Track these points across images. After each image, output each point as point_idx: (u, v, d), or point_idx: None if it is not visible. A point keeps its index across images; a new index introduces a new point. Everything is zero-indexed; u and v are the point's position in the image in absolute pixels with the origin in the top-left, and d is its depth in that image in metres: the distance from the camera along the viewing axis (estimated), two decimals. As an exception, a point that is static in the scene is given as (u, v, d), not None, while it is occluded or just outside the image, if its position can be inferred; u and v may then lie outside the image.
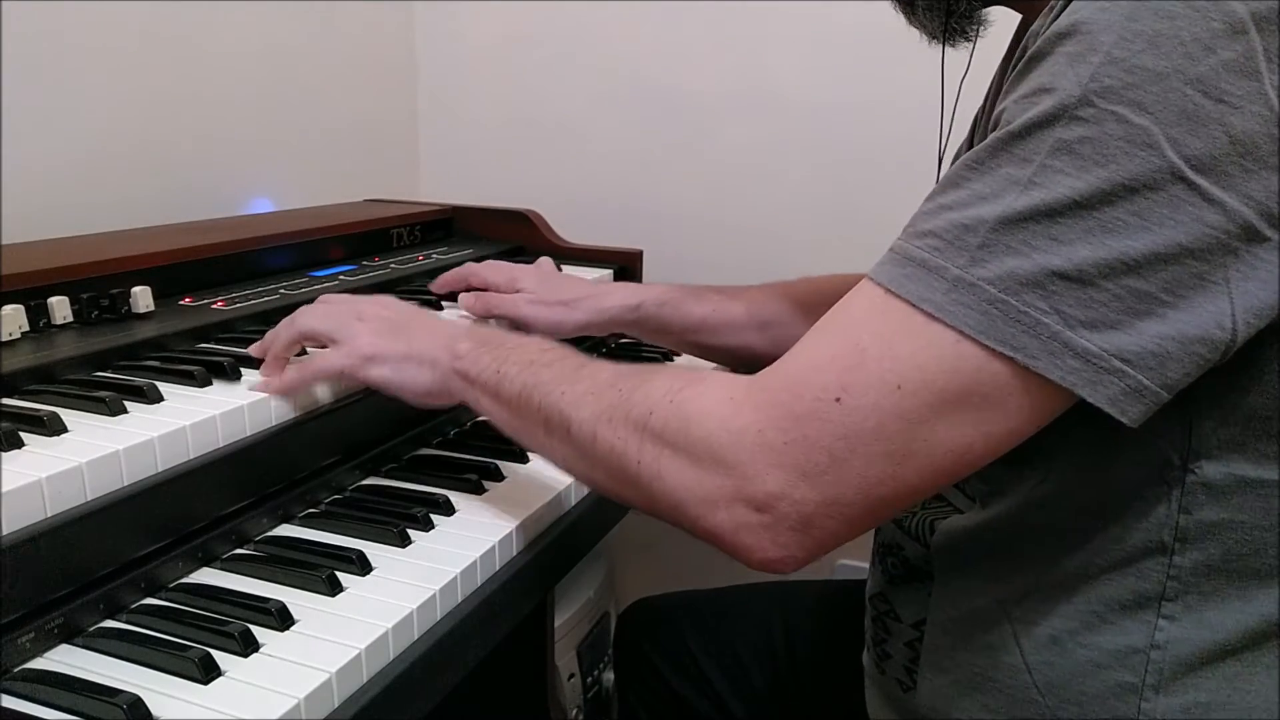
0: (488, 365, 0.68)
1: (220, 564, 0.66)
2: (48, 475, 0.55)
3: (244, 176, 1.34)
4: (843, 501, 0.50)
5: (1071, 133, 0.45)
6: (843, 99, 1.43)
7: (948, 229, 0.48)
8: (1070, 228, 0.45)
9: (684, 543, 0.58)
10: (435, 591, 0.62)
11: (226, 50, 1.29)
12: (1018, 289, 0.46)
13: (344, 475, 0.78)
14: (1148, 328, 0.45)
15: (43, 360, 0.71)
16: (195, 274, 0.94)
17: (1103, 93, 0.45)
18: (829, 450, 0.49)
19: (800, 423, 0.49)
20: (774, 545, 0.51)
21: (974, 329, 0.46)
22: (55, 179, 1.08)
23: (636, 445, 0.56)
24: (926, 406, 0.48)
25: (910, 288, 0.48)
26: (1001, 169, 0.47)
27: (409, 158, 1.70)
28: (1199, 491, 0.52)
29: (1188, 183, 0.44)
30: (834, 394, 0.49)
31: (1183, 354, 0.46)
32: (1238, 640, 0.53)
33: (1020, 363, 0.46)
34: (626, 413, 0.57)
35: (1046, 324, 0.46)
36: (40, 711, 0.50)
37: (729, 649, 0.95)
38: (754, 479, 0.50)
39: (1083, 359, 0.46)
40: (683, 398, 0.54)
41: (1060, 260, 0.45)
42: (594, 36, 1.56)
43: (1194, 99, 0.44)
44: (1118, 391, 0.46)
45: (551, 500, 0.77)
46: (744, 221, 1.52)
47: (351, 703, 0.54)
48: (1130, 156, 0.44)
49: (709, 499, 0.52)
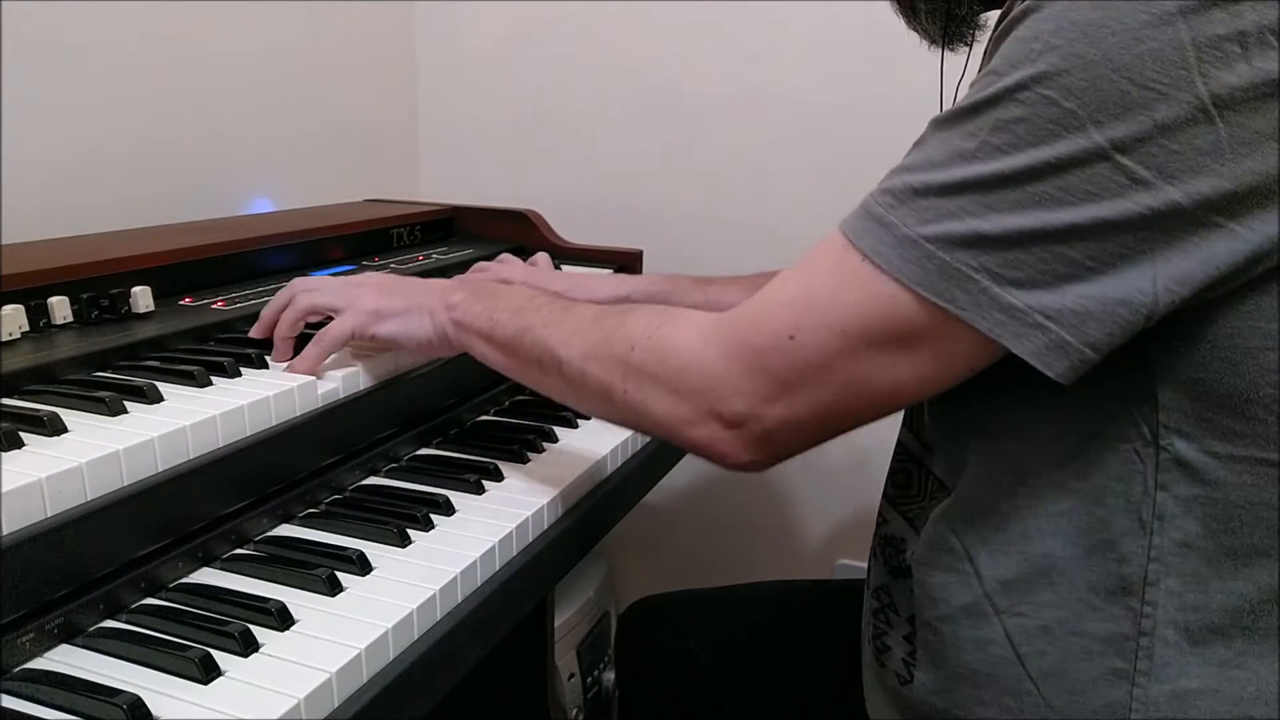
0: (480, 313, 0.73)
1: (220, 564, 0.66)
2: (48, 475, 0.55)
3: (244, 176, 1.34)
4: (799, 420, 0.57)
5: (1009, 113, 0.49)
6: (843, 99, 1.43)
7: (902, 190, 0.53)
8: (1002, 199, 0.50)
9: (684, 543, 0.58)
10: (435, 591, 0.62)
11: (226, 50, 1.29)
12: (952, 248, 0.51)
13: (344, 475, 0.78)
14: (1071, 288, 0.49)
15: (43, 360, 0.71)
16: (195, 274, 0.94)
17: (1039, 78, 0.48)
18: (784, 379, 0.56)
19: (760, 355, 0.56)
20: (745, 453, 0.59)
21: (912, 280, 0.52)
22: (55, 179, 1.08)
23: (620, 378, 0.63)
24: (866, 347, 0.54)
25: (867, 241, 0.54)
26: (953, 141, 0.52)
27: (409, 158, 1.70)
28: (1173, 468, 0.53)
29: (1113, 163, 0.47)
30: (788, 332, 0.55)
31: (1103, 313, 0.49)
32: (1225, 624, 0.54)
33: (951, 313, 0.51)
34: (610, 350, 0.64)
35: (976, 280, 0.50)
36: (40, 711, 0.50)
37: (729, 648, 0.95)
38: (725, 400, 0.58)
39: (1007, 313, 0.50)
40: (660, 335, 0.61)
41: (989, 226, 0.50)
42: (594, 36, 1.56)
43: (1121, 86, 0.47)
44: (1041, 345, 0.50)
45: (552, 500, 0.77)
46: (744, 221, 1.52)
47: (351, 703, 0.54)
48: (1059, 138, 0.48)
49: (688, 419, 0.60)
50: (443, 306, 0.75)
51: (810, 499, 1.57)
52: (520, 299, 0.73)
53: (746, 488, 1.60)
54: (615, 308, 0.68)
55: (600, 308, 0.68)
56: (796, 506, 1.58)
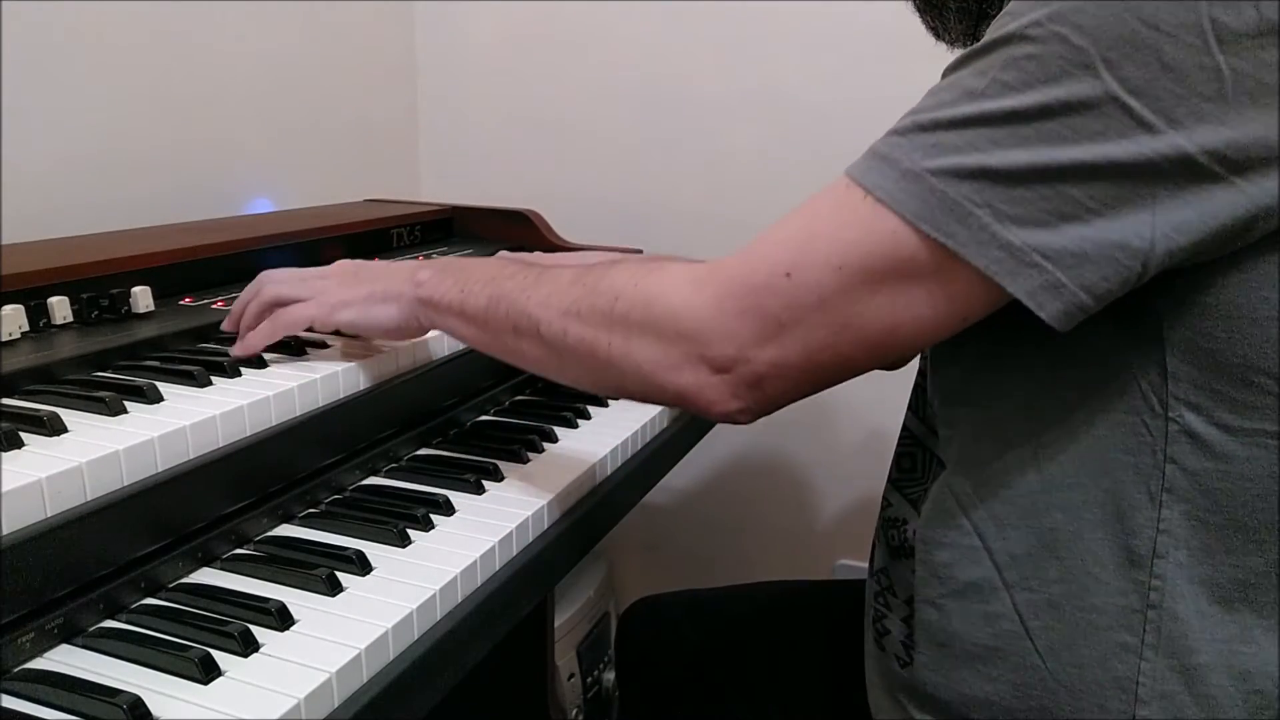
0: (450, 288, 0.71)
1: (220, 564, 0.66)
2: (48, 475, 0.55)
3: (244, 176, 1.34)
4: (789, 364, 0.56)
5: (1020, 50, 0.50)
6: (844, 99, 1.43)
7: (909, 127, 0.53)
8: (1010, 134, 0.50)
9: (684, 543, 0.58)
10: (435, 591, 0.62)
11: (227, 50, 1.29)
12: (955, 182, 0.50)
13: (344, 475, 0.78)
14: (1070, 229, 0.49)
15: (43, 360, 0.71)
16: (195, 274, 0.94)
17: (1052, 16, 0.49)
18: (778, 318, 0.55)
19: (754, 293, 0.55)
20: (733, 399, 0.58)
21: (913, 214, 0.51)
22: (55, 179, 1.08)
23: (606, 331, 0.61)
24: (862, 285, 0.53)
25: (870, 177, 0.53)
26: (962, 81, 0.52)
27: (409, 158, 1.70)
28: (1182, 440, 0.53)
29: (1120, 104, 0.48)
30: (784, 270, 0.55)
31: (1100, 256, 0.49)
32: (1232, 598, 0.54)
33: (950, 249, 0.51)
34: (593, 304, 0.62)
35: (977, 215, 0.50)
36: (40, 711, 0.50)
37: (730, 647, 0.95)
38: (713, 344, 0.57)
39: (1006, 250, 0.50)
40: (647, 282, 0.60)
41: (995, 161, 0.50)
42: (594, 36, 1.56)
43: (1131, 25, 0.47)
44: (1036, 285, 0.50)
45: (552, 500, 0.77)
46: (744, 221, 1.50)
47: (351, 703, 0.54)
48: (1069, 75, 0.48)
49: (674, 365, 0.58)
50: (410, 286, 0.74)
51: (810, 499, 1.57)
52: (492, 268, 0.71)
53: (747, 488, 1.60)
54: (596, 264, 0.66)
55: (579, 267, 0.66)
56: (796, 507, 1.58)
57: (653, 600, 1.05)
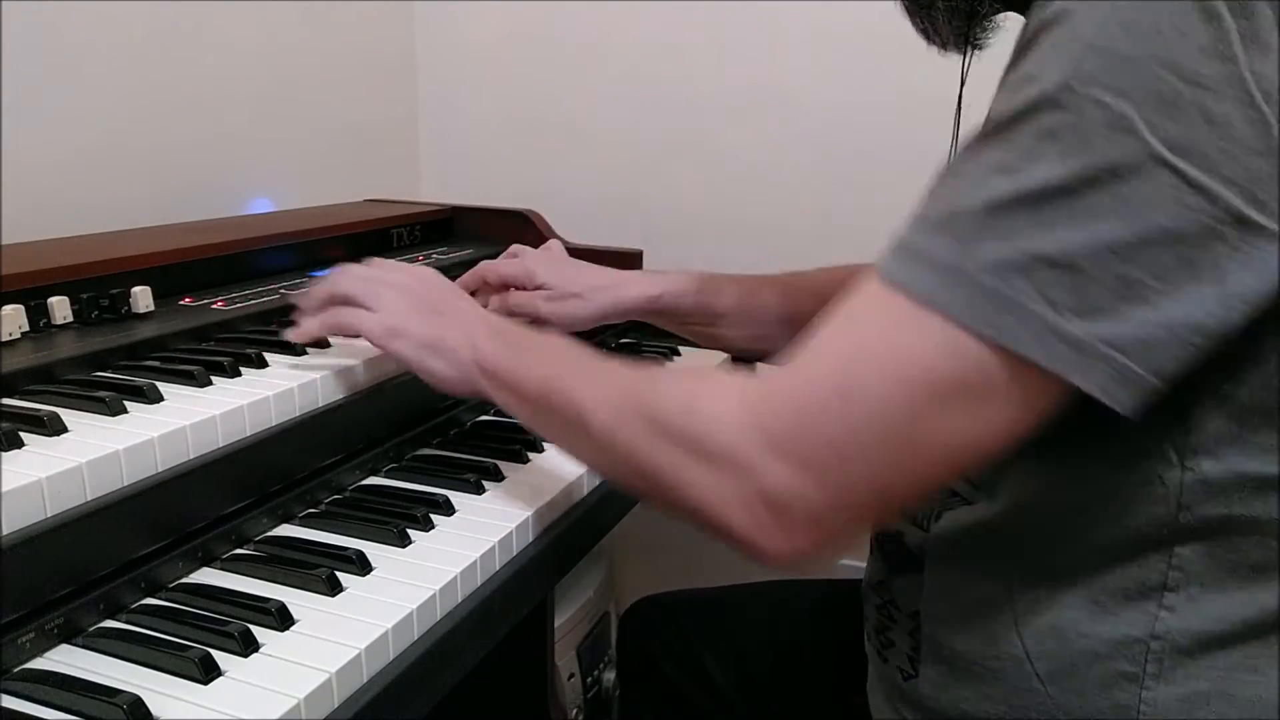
0: (510, 365, 0.69)
1: (220, 564, 0.66)
2: (48, 475, 0.55)
3: (244, 176, 1.34)
4: (852, 497, 0.51)
5: (1054, 119, 0.46)
6: (844, 99, 1.43)
7: (940, 216, 0.49)
8: (1055, 213, 0.46)
9: (684, 543, 0.58)
10: (435, 591, 0.62)
11: (227, 50, 1.29)
12: (1007, 275, 0.46)
13: (344, 475, 0.78)
14: (1136, 314, 0.45)
15: (43, 360, 0.71)
16: (195, 274, 0.94)
17: (1083, 79, 0.45)
18: (835, 446, 0.49)
19: (805, 418, 0.50)
20: (788, 543, 0.52)
21: (966, 316, 0.47)
22: (55, 179, 1.07)
23: (653, 448, 0.56)
24: (927, 398, 0.48)
25: (905, 275, 0.49)
26: (990, 156, 0.48)
27: (409, 158, 1.70)
28: (1198, 488, 0.52)
29: (1169, 166, 0.44)
30: (837, 390, 0.49)
31: (1172, 340, 0.46)
32: (1238, 631, 0.53)
33: (1012, 350, 0.46)
34: (642, 415, 0.58)
35: (1035, 311, 0.46)
36: (40, 711, 0.50)
37: (732, 647, 0.95)
38: (764, 477, 0.51)
39: (1072, 345, 0.46)
40: (695, 401, 0.55)
41: (1046, 245, 0.46)
42: (594, 36, 1.56)
43: (1170, 83, 0.44)
44: (1107, 378, 0.46)
45: (552, 500, 0.77)
46: (745, 221, 1.52)
47: (351, 703, 0.54)
48: (1110, 141, 0.45)
49: (723, 498, 0.53)
50: (470, 351, 0.71)
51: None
52: (551, 351, 0.69)
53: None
54: (649, 367, 0.64)
55: (634, 367, 0.63)
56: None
57: (653, 600, 1.05)
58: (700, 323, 0.99)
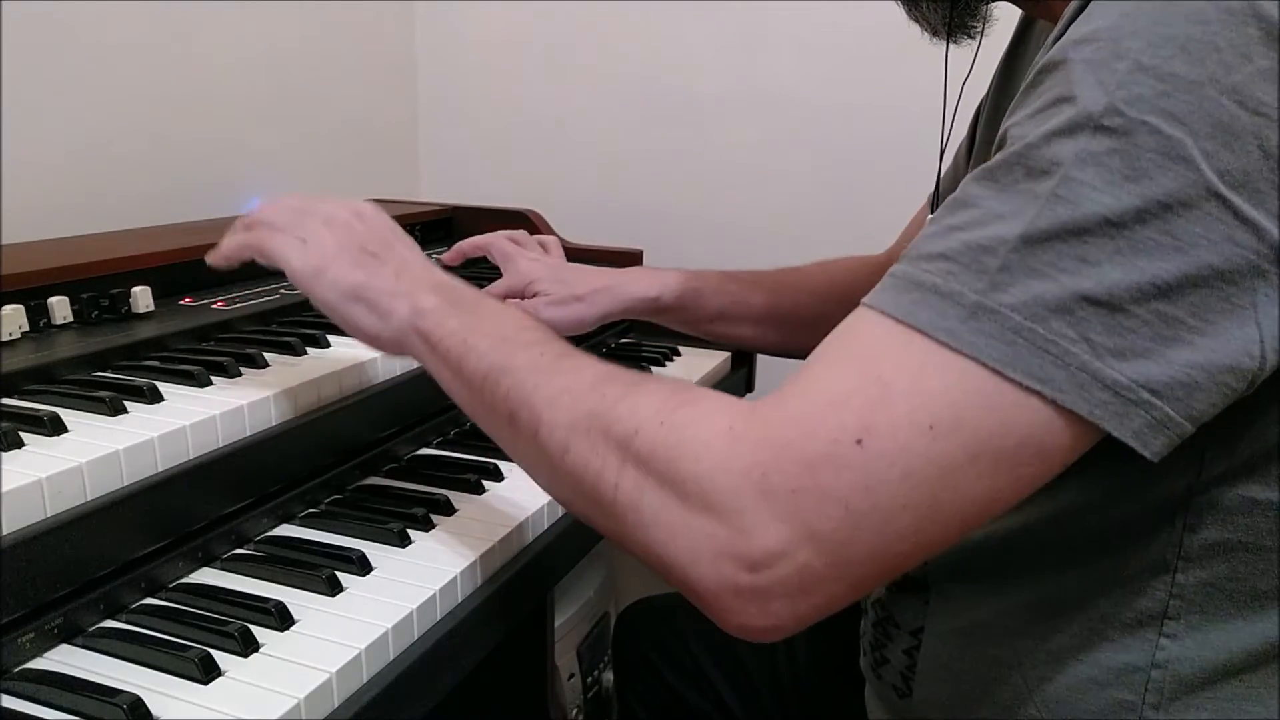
0: (454, 330, 0.59)
1: (220, 564, 0.66)
2: (48, 475, 0.55)
3: (244, 176, 1.34)
4: (852, 562, 0.44)
5: (1098, 144, 0.42)
6: (843, 99, 1.43)
7: (962, 251, 0.44)
8: (1100, 247, 0.42)
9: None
10: (435, 591, 0.62)
11: (226, 50, 1.29)
12: (1045, 315, 0.42)
13: (344, 475, 0.78)
14: (1177, 356, 0.42)
15: (43, 360, 0.71)
16: (195, 274, 0.94)
17: (1132, 101, 0.41)
18: (845, 502, 0.43)
19: (812, 469, 0.43)
20: (761, 613, 0.45)
21: (998, 360, 0.42)
22: (55, 179, 1.08)
23: (616, 467, 0.49)
24: (961, 449, 0.43)
25: (923, 316, 0.44)
26: (1019, 184, 0.44)
27: (409, 158, 1.70)
28: (1204, 512, 0.50)
29: (1222, 200, 0.41)
30: (854, 435, 0.43)
31: (1210, 384, 0.43)
32: (1239, 660, 0.52)
33: (1048, 396, 0.42)
34: (608, 425, 0.49)
35: (1075, 354, 0.42)
36: (40, 711, 0.50)
37: (729, 649, 0.95)
38: (750, 532, 0.44)
39: (1111, 391, 0.42)
40: (676, 420, 0.47)
41: (1090, 284, 0.42)
42: (594, 37, 1.56)
43: (1230, 110, 0.41)
44: (1143, 424, 0.43)
45: (551, 500, 0.77)
46: (744, 221, 1.52)
47: (351, 703, 0.54)
48: (1164, 171, 0.41)
49: (693, 548, 0.45)
50: (409, 309, 0.61)
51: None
52: (508, 325, 0.59)
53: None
54: (626, 370, 0.54)
55: (608, 366, 0.54)
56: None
57: (652, 601, 1.05)
58: (701, 320, 0.99)
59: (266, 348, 0.80)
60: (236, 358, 0.76)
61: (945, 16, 0.67)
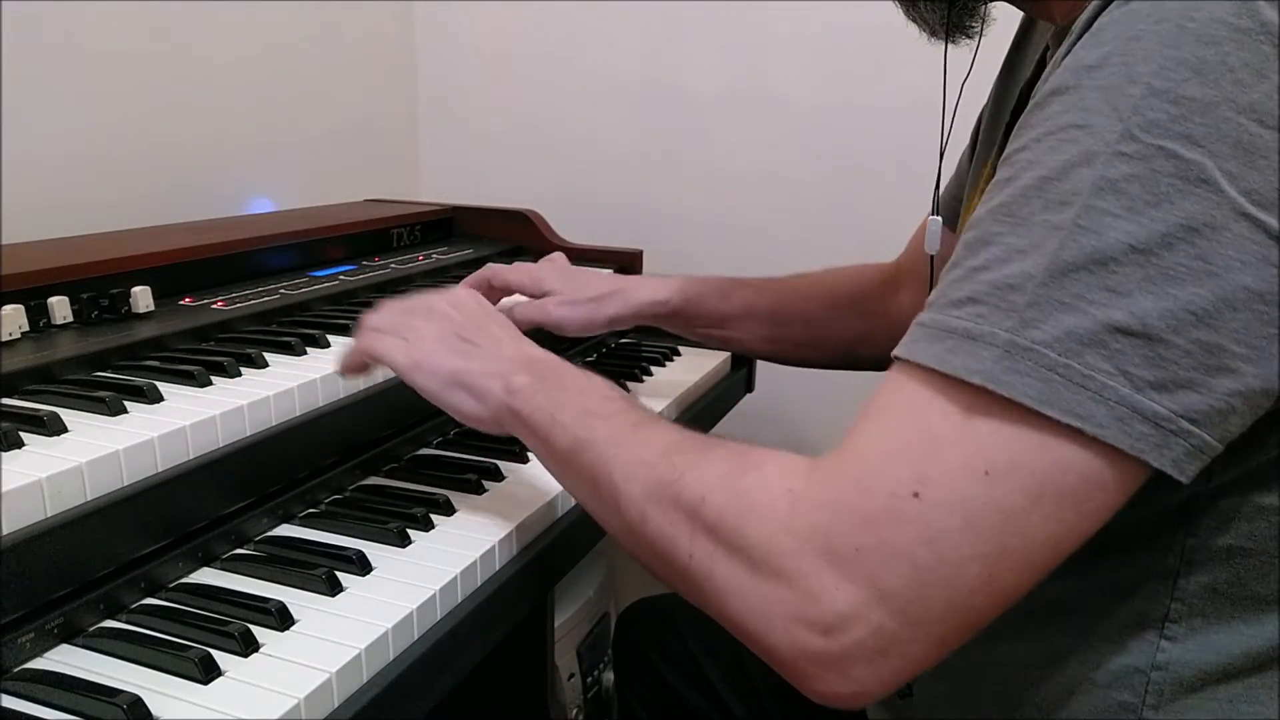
0: (541, 406, 0.62)
1: (220, 564, 0.66)
2: (48, 475, 0.55)
3: (244, 176, 1.34)
4: (929, 619, 0.43)
5: (1116, 170, 0.41)
6: (842, 99, 1.43)
7: (989, 292, 0.43)
8: (1128, 276, 0.41)
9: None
10: (435, 591, 0.62)
11: (226, 50, 1.29)
12: (1079, 350, 0.41)
13: (344, 475, 0.78)
14: (1221, 385, 0.41)
15: (43, 360, 0.71)
16: (195, 274, 0.94)
17: (1148, 127, 0.41)
18: (910, 557, 0.43)
19: (873, 525, 0.43)
20: (841, 678, 0.44)
21: (1035, 399, 0.42)
22: (55, 179, 1.08)
23: (688, 536, 0.50)
24: (1021, 492, 0.42)
25: (958, 362, 0.43)
26: (1037, 216, 0.43)
27: (409, 158, 1.70)
28: (1210, 518, 0.50)
29: (1252, 220, 0.40)
30: (910, 488, 0.43)
31: (1245, 407, 0.42)
32: (1240, 663, 0.52)
33: (1089, 433, 0.42)
34: (677, 494, 0.51)
35: (1113, 388, 0.41)
36: (40, 711, 0.50)
37: (729, 649, 0.95)
38: (819, 595, 0.44)
39: (1152, 423, 0.41)
40: (739, 487, 0.48)
41: (1121, 314, 0.41)
42: (594, 37, 1.56)
43: (1249, 129, 0.40)
44: (1182, 453, 0.42)
45: (551, 500, 0.77)
46: (743, 221, 1.52)
47: (351, 703, 0.54)
48: (1186, 195, 0.40)
49: (766, 615, 0.46)
50: (502, 389, 0.64)
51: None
52: (591, 398, 0.61)
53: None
54: (694, 435, 0.55)
55: (677, 431, 0.56)
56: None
57: (652, 601, 1.05)
58: (707, 325, 0.99)
59: (266, 348, 0.80)
60: (236, 358, 0.76)
61: (943, 17, 0.67)
